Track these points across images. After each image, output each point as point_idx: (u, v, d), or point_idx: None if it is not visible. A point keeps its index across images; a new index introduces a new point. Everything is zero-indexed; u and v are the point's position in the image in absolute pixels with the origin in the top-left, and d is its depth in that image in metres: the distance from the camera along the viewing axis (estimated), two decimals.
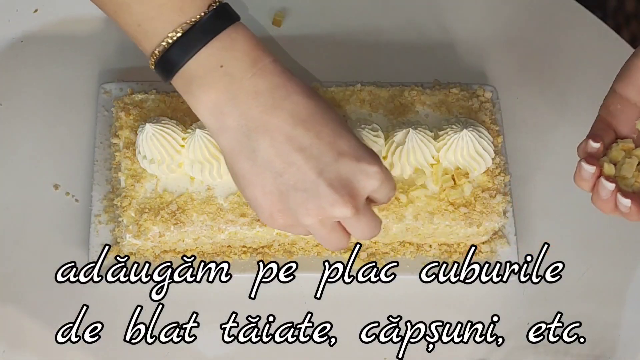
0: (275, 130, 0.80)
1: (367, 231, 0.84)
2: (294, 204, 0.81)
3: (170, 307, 0.94)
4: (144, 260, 0.94)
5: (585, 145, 0.81)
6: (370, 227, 0.84)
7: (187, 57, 0.79)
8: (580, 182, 0.81)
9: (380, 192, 0.83)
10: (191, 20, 0.79)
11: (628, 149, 0.81)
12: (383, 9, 1.10)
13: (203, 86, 0.80)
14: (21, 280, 0.95)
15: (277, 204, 0.81)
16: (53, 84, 1.03)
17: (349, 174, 0.80)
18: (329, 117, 0.81)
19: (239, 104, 0.80)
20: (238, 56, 0.80)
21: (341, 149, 0.80)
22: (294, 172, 0.80)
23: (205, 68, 0.80)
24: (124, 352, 0.92)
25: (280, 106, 0.80)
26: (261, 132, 0.80)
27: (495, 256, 0.96)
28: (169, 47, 0.80)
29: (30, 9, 1.06)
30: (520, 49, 1.08)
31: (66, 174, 0.99)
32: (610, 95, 0.83)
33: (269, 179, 0.80)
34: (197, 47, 0.79)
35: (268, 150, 0.80)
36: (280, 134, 0.80)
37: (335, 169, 0.80)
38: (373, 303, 0.96)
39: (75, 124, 1.01)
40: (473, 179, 0.93)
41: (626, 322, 0.97)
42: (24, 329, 0.93)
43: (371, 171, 0.81)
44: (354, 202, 0.81)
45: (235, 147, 0.81)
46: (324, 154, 0.80)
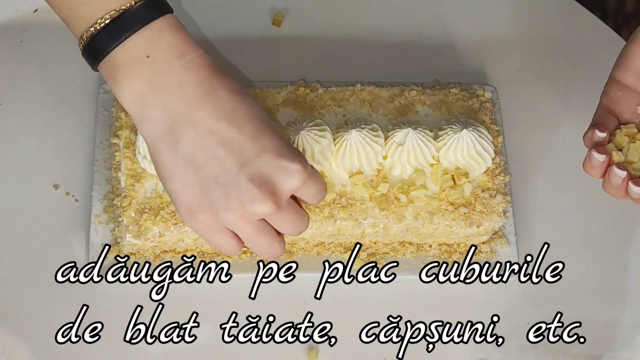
0: (198, 123, 0.80)
1: (291, 228, 0.83)
2: (215, 198, 0.80)
3: (170, 307, 0.94)
4: (144, 260, 0.94)
5: (592, 135, 0.83)
6: (295, 224, 0.83)
7: (114, 45, 0.79)
8: (590, 170, 0.82)
9: (305, 192, 0.82)
10: (121, 8, 0.79)
11: (631, 134, 0.83)
12: (383, 9, 1.10)
13: (128, 75, 0.80)
14: (21, 280, 0.95)
15: (197, 197, 0.80)
16: (53, 84, 1.03)
17: (270, 170, 0.80)
18: (253, 114, 0.81)
19: (163, 95, 0.80)
20: (165, 47, 0.80)
21: (263, 145, 0.80)
22: (216, 165, 0.80)
23: (132, 57, 0.80)
24: (124, 352, 0.92)
25: (205, 100, 0.80)
26: (184, 124, 0.80)
27: (495, 256, 0.96)
28: (96, 32, 0.80)
29: (30, 9, 1.06)
30: (520, 49, 1.08)
31: (66, 174, 0.99)
32: (610, 83, 0.85)
33: (190, 172, 0.80)
34: (125, 36, 0.79)
35: (190, 142, 0.80)
36: (204, 128, 0.80)
37: (256, 165, 0.80)
38: (373, 303, 0.96)
39: (75, 124, 1.01)
40: (473, 179, 0.93)
41: (626, 322, 0.97)
42: (24, 329, 0.93)
43: (292, 169, 0.80)
44: (275, 199, 0.80)
45: (158, 138, 0.80)
46: (246, 149, 0.80)
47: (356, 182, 0.92)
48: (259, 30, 1.07)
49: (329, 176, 0.92)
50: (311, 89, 0.98)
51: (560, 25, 1.09)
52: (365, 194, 0.92)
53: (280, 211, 0.81)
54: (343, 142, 0.91)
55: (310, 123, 0.91)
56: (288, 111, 0.97)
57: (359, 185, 0.92)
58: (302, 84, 0.98)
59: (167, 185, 0.82)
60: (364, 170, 0.92)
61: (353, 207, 0.92)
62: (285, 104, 0.97)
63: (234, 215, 0.81)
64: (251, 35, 1.07)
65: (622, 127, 0.84)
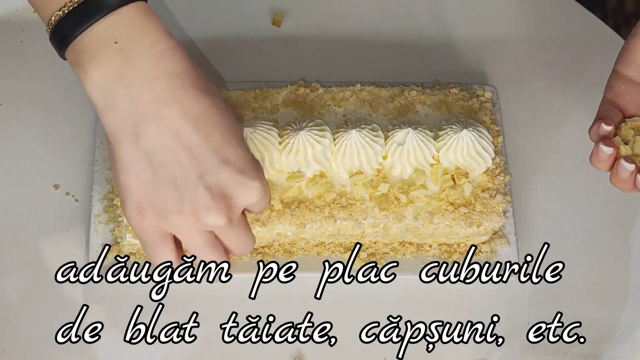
0: (164, 122, 0.77)
1: (239, 245, 0.82)
2: (169, 200, 0.78)
3: (170, 307, 0.94)
4: (144, 260, 0.94)
5: (598, 128, 0.83)
6: (243, 241, 0.82)
7: (81, 29, 0.76)
8: (598, 164, 0.82)
9: (256, 206, 0.81)
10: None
11: (637, 127, 0.84)
12: (383, 9, 1.10)
13: (94, 60, 0.77)
14: (21, 280, 0.95)
15: (149, 195, 0.78)
16: (53, 84, 1.03)
17: (229, 184, 0.79)
18: (221, 119, 0.79)
19: (131, 85, 0.77)
20: (135, 34, 0.77)
21: (226, 157, 0.79)
22: (176, 168, 0.78)
23: (99, 42, 0.77)
24: (124, 352, 0.93)
25: (174, 98, 0.77)
26: (149, 120, 0.77)
27: (495, 256, 0.96)
28: (64, 16, 0.77)
29: (30, 9, 1.05)
30: (520, 49, 1.08)
31: (66, 174, 0.99)
32: (613, 77, 0.85)
33: (147, 169, 0.78)
34: (93, 19, 0.76)
35: (154, 139, 0.77)
36: (169, 128, 0.77)
37: (216, 176, 0.78)
38: (373, 303, 0.96)
39: (75, 124, 1.01)
40: (473, 179, 0.93)
41: (626, 322, 0.97)
42: (24, 329, 0.93)
43: (252, 186, 0.79)
44: (229, 213, 0.79)
45: (120, 128, 0.78)
46: (209, 158, 0.78)
47: (356, 182, 0.92)
48: (259, 30, 1.08)
49: (329, 176, 0.92)
50: (311, 89, 0.98)
51: (560, 26, 1.10)
52: (365, 194, 0.92)
53: (232, 225, 0.80)
54: (343, 142, 0.91)
55: (311, 123, 0.91)
56: (288, 111, 0.97)
57: (359, 185, 0.92)
58: (302, 84, 0.99)
59: (120, 177, 0.79)
60: (364, 170, 0.92)
61: (353, 207, 0.92)
62: (286, 104, 0.97)
63: (185, 220, 0.79)
64: (251, 35, 1.07)
65: (627, 120, 0.84)
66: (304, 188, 0.92)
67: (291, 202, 0.92)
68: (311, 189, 0.92)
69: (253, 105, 0.97)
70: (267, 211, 0.91)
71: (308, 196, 0.92)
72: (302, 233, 0.93)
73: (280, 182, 0.92)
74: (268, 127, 0.91)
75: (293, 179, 0.92)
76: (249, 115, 0.96)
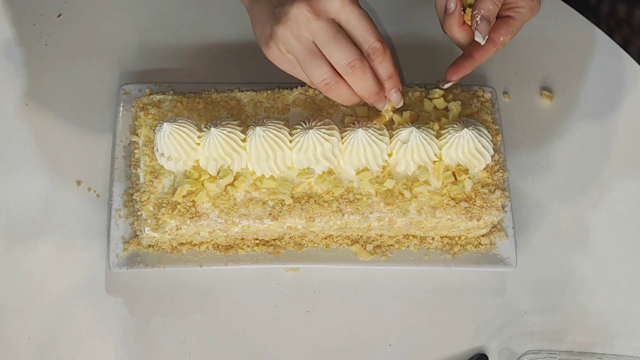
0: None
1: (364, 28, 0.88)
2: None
3: (187, 294, 0.95)
4: (161, 252, 0.96)
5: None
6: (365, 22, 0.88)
7: None
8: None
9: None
10: None
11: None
12: (384, 11, 1.10)
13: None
14: (45, 272, 0.96)
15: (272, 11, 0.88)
16: (76, 85, 1.04)
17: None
18: None
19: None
20: None
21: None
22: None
23: None
24: (139, 340, 0.94)
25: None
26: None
27: (495, 248, 0.97)
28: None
29: (54, 14, 1.07)
30: (517, 52, 1.08)
31: (88, 170, 1.00)
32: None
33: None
34: None
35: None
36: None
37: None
38: (379, 292, 0.97)
39: (96, 123, 1.02)
40: (473, 175, 0.94)
41: (618, 311, 0.98)
42: (49, 318, 0.95)
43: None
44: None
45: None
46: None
47: (363, 178, 0.93)
48: None
49: (337, 172, 0.93)
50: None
51: (555, 29, 1.10)
52: (371, 190, 0.93)
53: (351, 3, 0.87)
54: (350, 141, 0.92)
55: (320, 122, 0.92)
56: (298, 111, 0.98)
57: (366, 181, 0.93)
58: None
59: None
60: (370, 167, 0.93)
61: (360, 201, 0.93)
62: (296, 104, 0.98)
63: (304, 9, 0.87)
64: None
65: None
66: (314, 184, 0.93)
67: (301, 197, 0.93)
68: (320, 184, 0.93)
69: (265, 105, 0.98)
70: (279, 205, 0.92)
71: (317, 191, 0.93)
72: (311, 226, 0.94)
73: (290, 178, 0.93)
74: (279, 126, 0.92)
75: (303, 175, 0.93)
76: (261, 115, 0.97)
